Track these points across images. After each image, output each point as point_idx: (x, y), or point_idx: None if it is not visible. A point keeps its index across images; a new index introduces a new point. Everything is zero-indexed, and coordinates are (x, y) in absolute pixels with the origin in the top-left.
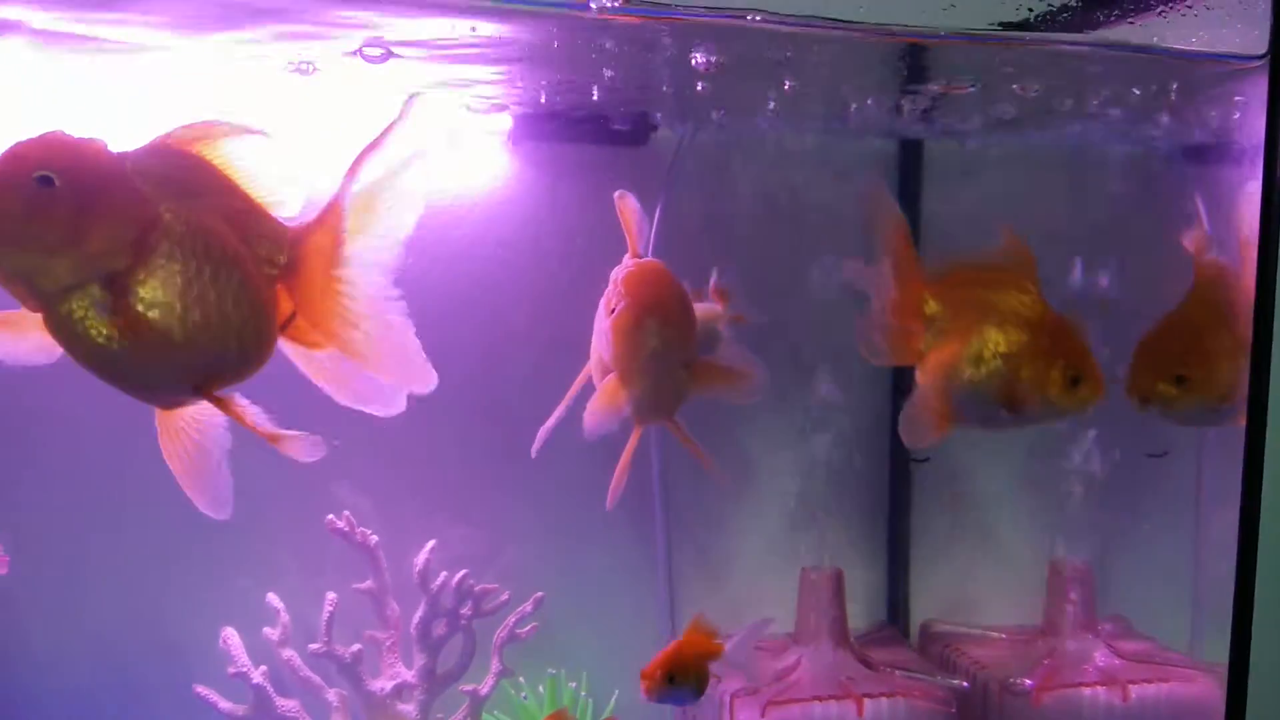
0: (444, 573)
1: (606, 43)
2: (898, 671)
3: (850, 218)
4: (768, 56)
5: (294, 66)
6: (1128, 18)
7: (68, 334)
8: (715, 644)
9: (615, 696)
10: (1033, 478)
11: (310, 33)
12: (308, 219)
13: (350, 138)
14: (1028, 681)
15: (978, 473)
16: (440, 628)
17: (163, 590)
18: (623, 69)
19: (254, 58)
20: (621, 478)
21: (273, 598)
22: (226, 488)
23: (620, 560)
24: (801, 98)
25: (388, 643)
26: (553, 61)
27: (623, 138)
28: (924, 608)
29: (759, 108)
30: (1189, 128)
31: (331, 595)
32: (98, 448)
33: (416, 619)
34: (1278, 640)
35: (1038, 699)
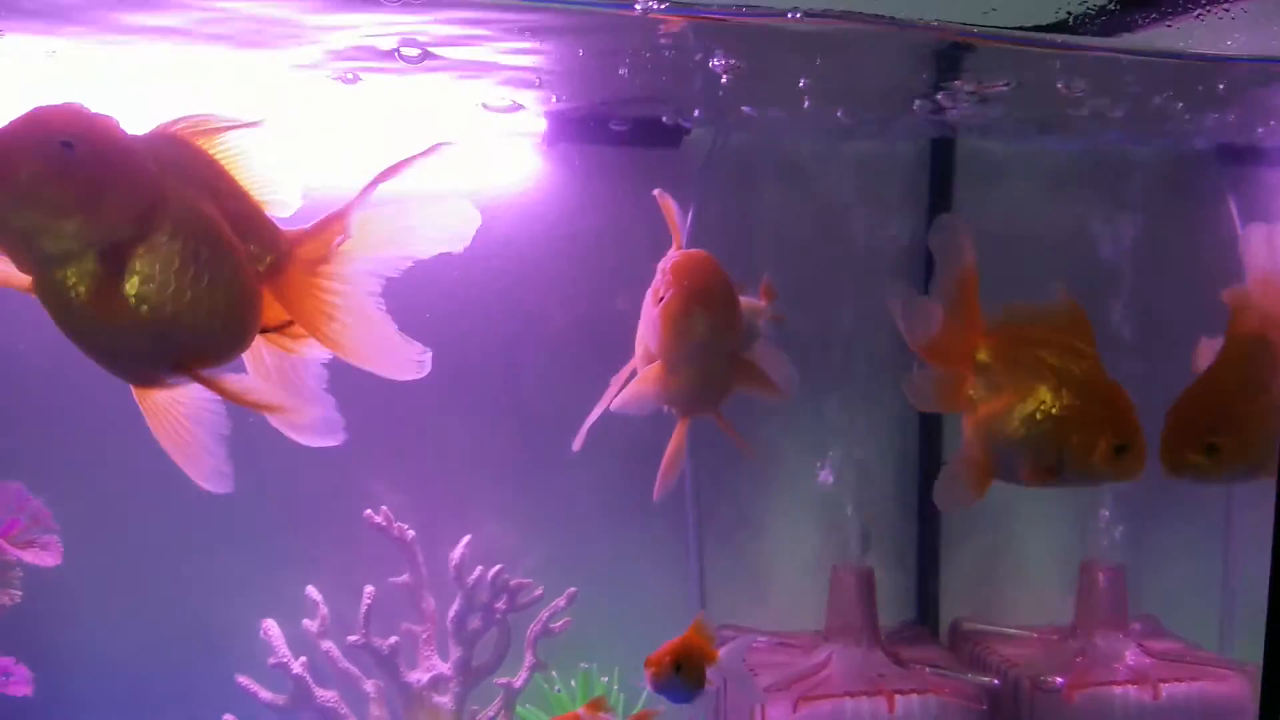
0: (479, 567)
1: (643, 44)
2: (928, 668)
3: (880, 220)
4: (802, 57)
5: (337, 74)
6: (1165, 20)
7: (58, 300)
8: (712, 649)
9: (646, 692)
10: None
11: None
12: (304, 228)
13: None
14: (1059, 679)
15: None
16: (475, 621)
17: (206, 582)
18: (657, 71)
19: (297, 67)
20: (670, 469)
21: (312, 590)
22: (223, 461)
23: (653, 557)
24: (835, 97)
25: (424, 635)
26: (587, 63)
27: (656, 140)
28: (953, 607)
29: (793, 107)
30: (1226, 129)
31: (369, 589)
32: (147, 444)
33: (452, 613)
34: None
35: (1069, 696)
